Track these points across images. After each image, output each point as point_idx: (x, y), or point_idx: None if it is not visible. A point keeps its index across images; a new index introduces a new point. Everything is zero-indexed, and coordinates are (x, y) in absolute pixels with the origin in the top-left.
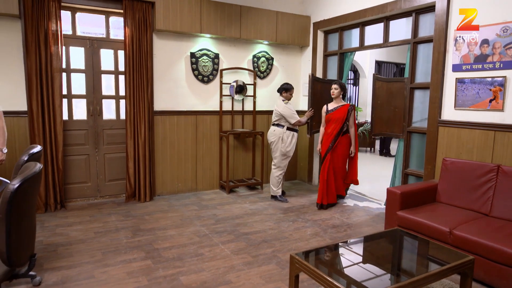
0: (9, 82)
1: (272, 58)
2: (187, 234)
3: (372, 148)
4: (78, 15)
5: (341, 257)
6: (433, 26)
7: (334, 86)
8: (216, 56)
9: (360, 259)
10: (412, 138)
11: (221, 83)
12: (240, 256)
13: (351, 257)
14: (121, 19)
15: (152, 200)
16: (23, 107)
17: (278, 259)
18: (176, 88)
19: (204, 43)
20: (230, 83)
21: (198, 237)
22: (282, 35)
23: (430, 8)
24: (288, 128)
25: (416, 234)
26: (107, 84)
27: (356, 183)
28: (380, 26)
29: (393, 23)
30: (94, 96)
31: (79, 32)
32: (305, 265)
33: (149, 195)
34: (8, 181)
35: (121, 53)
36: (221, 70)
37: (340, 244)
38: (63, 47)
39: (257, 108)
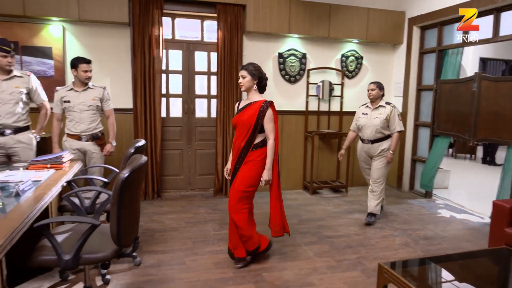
0: (118, 83)
1: (362, 57)
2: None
3: (473, 155)
4: (177, 20)
5: (435, 272)
6: None
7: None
8: (304, 56)
9: (456, 277)
10: None
11: (308, 83)
12: (323, 259)
13: (446, 274)
14: (215, 23)
15: None
16: (129, 105)
17: (364, 267)
18: None
19: (292, 43)
20: (316, 83)
21: (283, 236)
22: (373, 32)
23: None
24: None
25: None
26: (200, 84)
27: (277, 233)
28: (488, 18)
29: (505, 15)
30: (188, 96)
31: (177, 36)
32: (396, 277)
33: None
34: (117, 170)
35: (213, 55)
36: (308, 70)
37: (434, 257)
38: (164, 50)
39: (344, 109)
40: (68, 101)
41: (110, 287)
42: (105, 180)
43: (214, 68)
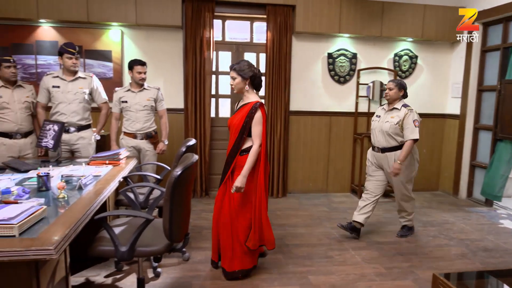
0: (171, 84)
1: (416, 56)
2: (317, 235)
3: None
4: (227, 22)
5: (495, 287)
6: None
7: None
8: (354, 56)
9: None
10: None
11: (358, 84)
12: (372, 266)
13: None
14: (264, 24)
15: (285, 197)
16: (181, 105)
17: (416, 276)
18: (312, 89)
19: (342, 43)
20: (367, 84)
21: (328, 239)
22: (430, 30)
23: None
24: None
25: None
26: None
27: (271, 246)
28: None
29: None
30: (237, 96)
31: (227, 38)
32: None
33: (281, 191)
34: (169, 168)
35: (262, 56)
36: (359, 70)
37: (495, 271)
38: (214, 52)
39: None
40: (126, 101)
41: (161, 280)
42: (158, 177)
43: (262, 69)
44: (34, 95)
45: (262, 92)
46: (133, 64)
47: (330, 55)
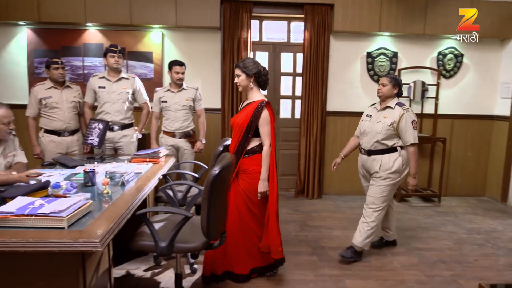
0: (208, 84)
1: (462, 55)
2: None
3: None
4: (265, 23)
5: None
6: None
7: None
8: (394, 55)
9: None
10: None
11: None
12: (411, 272)
13: None
14: (301, 24)
15: (320, 198)
16: (218, 105)
17: (459, 286)
18: (350, 89)
19: (382, 42)
20: (408, 84)
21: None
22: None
23: None
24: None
25: None
26: (285, 85)
27: (276, 255)
28: None
29: None
30: (273, 96)
31: (264, 38)
32: None
33: (317, 193)
34: (206, 166)
35: (299, 56)
36: (399, 70)
37: None
38: (251, 53)
39: (440, 111)
40: (165, 101)
41: (197, 276)
42: (196, 175)
43: (299, 69)
44: (80, 95)
45: (298, 92)
46: (172, 64)
47: (369, 54)
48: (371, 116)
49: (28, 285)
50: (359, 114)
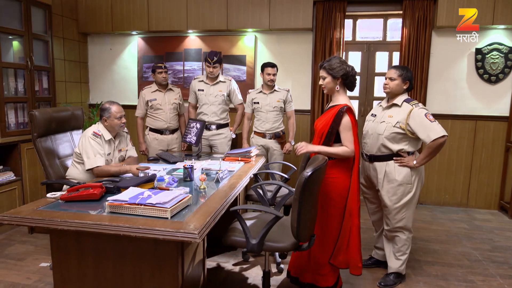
0: (299, 85)
1: None
2: (454, 254)
3: None
4: (359, 21)
5: None
6: None
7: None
8: (511, 50)
9: None
10: None
11: None
12: None
13: None
14: (399, 21)
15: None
16: (307, 106)
17: None
18: (454, 90)
19: (495, 36)
20: None
21: (468, 261)
22: None
23: None
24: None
25: None
26: (380, 86)
27: (356, 271)
28: None
29: None
30: (366, 97)
31: (358, 38)
32: None
33: None
34: (295, 168)
35: (395, 55)
36: None
37: None
38: (344, 53)
39: None
40: (257, 102)
41: (283, 276)
42: (286, 176)
43: None
44: (181, 97)
45: None
46: (264, 66)
47: (478, 51)
48: (375, 115)
49: (136, 267)
50: (465, 117)
